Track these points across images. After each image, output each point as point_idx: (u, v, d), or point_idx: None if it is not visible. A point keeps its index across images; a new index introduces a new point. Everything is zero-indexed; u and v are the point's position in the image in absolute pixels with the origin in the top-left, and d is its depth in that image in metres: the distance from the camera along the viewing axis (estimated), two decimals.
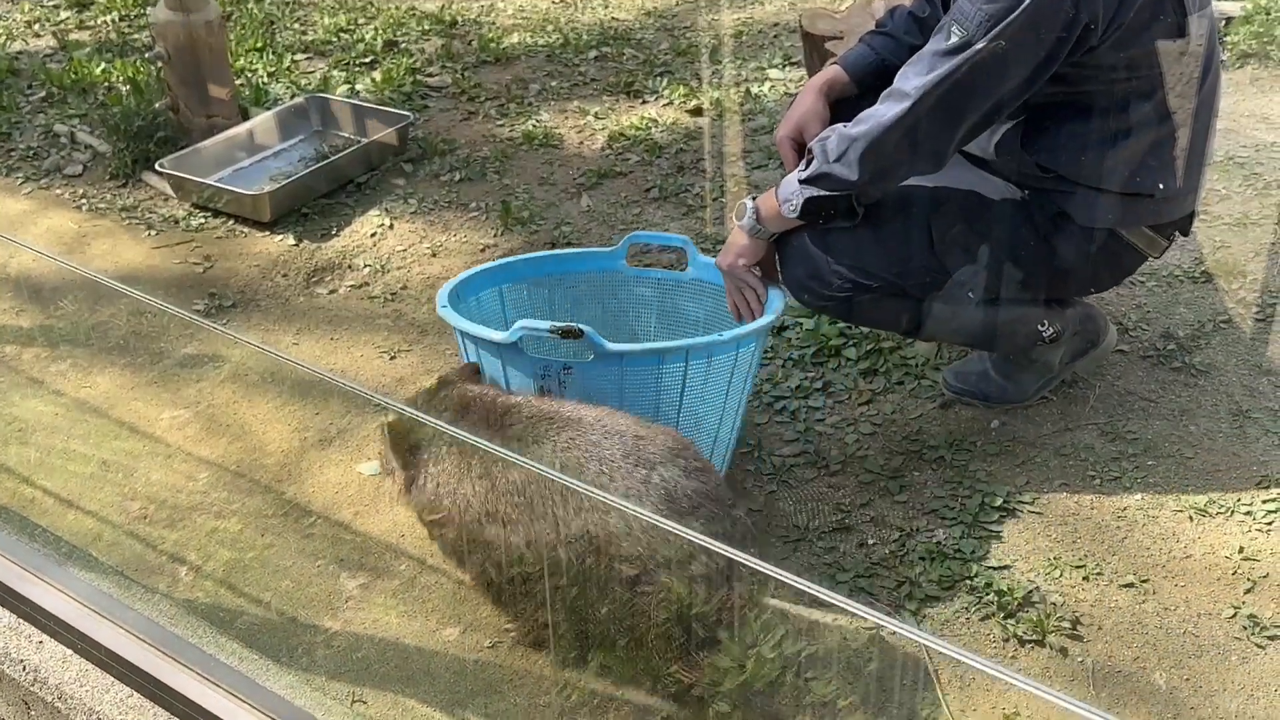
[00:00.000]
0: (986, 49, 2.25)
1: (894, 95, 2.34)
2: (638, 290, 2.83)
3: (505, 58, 4.88)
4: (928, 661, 2.27)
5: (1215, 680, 2.20)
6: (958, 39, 2.27)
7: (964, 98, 2.30)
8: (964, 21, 2.27)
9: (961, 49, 2.27)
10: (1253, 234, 3.39)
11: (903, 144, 2.34)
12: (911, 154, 2.36)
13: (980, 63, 2.26)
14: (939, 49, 2.30)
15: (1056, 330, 2.68)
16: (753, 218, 2.52)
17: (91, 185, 4.11)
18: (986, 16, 2.24)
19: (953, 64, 2.28)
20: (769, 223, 2.51)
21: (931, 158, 2.40)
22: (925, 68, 2.31)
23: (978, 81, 2.29)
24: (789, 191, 2.45)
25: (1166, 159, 2.43)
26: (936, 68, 2.29)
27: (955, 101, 2.30)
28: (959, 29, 2.27)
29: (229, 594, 2.50)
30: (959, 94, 2.30)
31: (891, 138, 2.32)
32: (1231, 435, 2.72)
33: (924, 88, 2.29)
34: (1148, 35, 2.30)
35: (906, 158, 2.37)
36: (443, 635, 2.38)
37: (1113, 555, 2.46)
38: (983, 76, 2.28)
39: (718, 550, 1.60)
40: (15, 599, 2.21)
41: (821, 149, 2.40)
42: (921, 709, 2.19)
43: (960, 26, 2.27)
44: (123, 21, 5.42)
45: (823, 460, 2.74)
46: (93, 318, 3.42)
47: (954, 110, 2.32)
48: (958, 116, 2.33)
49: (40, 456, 2.90)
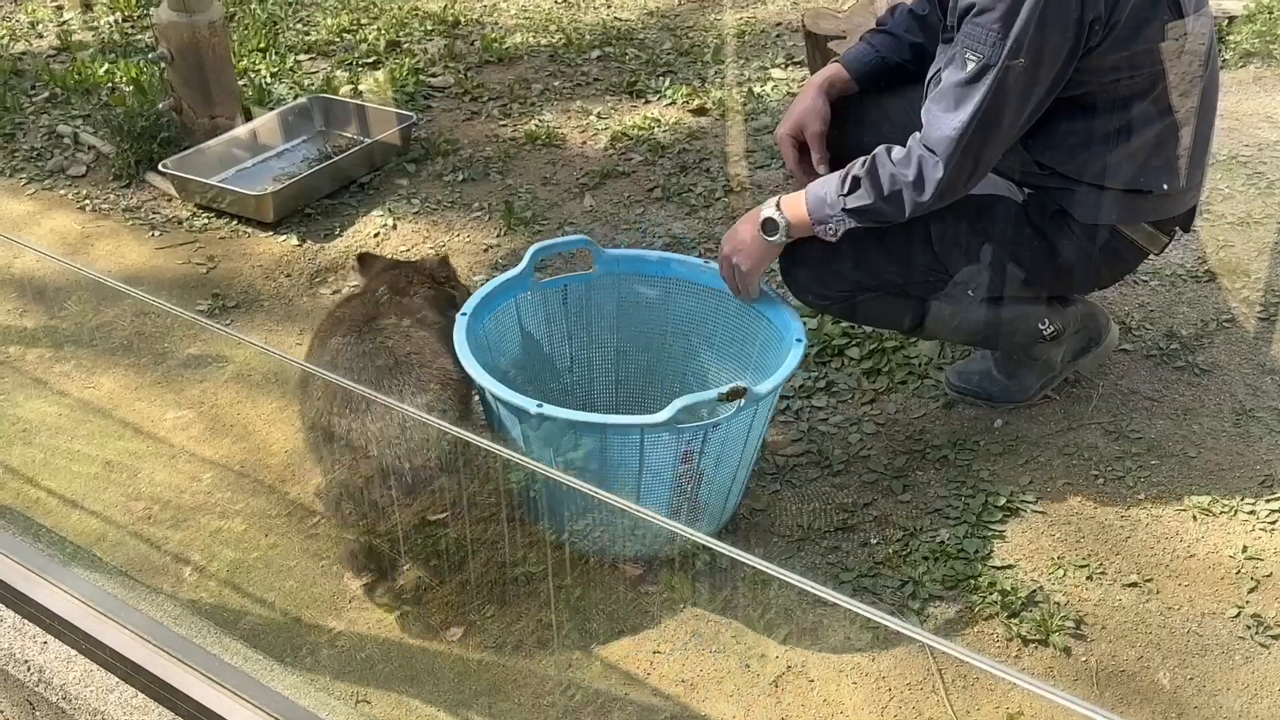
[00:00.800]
0: (1006, 66, 2.23)
1: (929, 140, 2.32)
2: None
3: (508, 58, 4.88)
4: (931, 661, 2.27)
5: (1219, 680, 2.20)
6: (974, 65, 2.25)
7: (997, 119, 2.29)
8: (976, 45, 2.25)
9: (982, 74, 2.25)
10: (1256, 233, 3.39)
11: (949, 181, 2.32)
12: (951, 189, 2.35)
13: (1005, 81, 2.25)
14: (959, 80, 2.28)
15: (1057, 328, 2.68)
16: (784, 232, 2.46)
17: (95, 186, 4.12)
18: (998, 34, 2.22)
19: (980, 92, 2.26)
20: (796, 233, 2.47)
21: (975, 180, 2.40)
22: (952, 102, 2.29)
23: (1008, 100, 2.27)
24: (827, 214, 2.40)
25: (1167, 156, 2.43)
26: (964, 100, 2.28)
27: (990, 125, 2.29)
28: (973, 55, 2.25)
29: (233, 594, 2.50)
30: (992, 117, 2.28)
31: (937, 185, 2.31)
32: (1235, 435, 2.72)
33: (960, 127, 2.27)
34: (1144, 34, 2.30)
35: (949, 193, 2.36)
36: (446, 636, 2.38)
37: (1116, 555, 2.46)
38: (1011, 93, 2.27)
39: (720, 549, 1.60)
40: (20, 600, 2.21)
41: (872, 180, 2.35)
42: (925, 709, 2.19)
43: (974, 52, 2.25)
44: (126, 22, 5.43)
45: (826, 460, 2.74)
46: (96, 318, 3.42)
47: (991, 133, 2.30)
48: (996, 137, 2.32)
49: (44, 457, 2.90)
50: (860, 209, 2.38)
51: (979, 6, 2.25)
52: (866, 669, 2.27)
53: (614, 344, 2.82)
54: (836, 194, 2.39)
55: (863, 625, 2.33)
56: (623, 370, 2.84)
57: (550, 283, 2.76)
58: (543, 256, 2.72)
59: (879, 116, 2.79)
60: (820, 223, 2.42)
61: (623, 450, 2.32)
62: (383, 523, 2.32)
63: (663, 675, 2.28)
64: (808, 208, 2.43)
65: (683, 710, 2.21)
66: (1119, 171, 2.43)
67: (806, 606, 2.37)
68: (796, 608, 2.38)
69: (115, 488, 2.79)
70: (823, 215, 2.41)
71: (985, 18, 2.24)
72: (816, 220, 2.42)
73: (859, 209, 2.38)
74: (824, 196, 2.42)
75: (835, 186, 2.40)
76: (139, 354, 3.27)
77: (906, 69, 2.75)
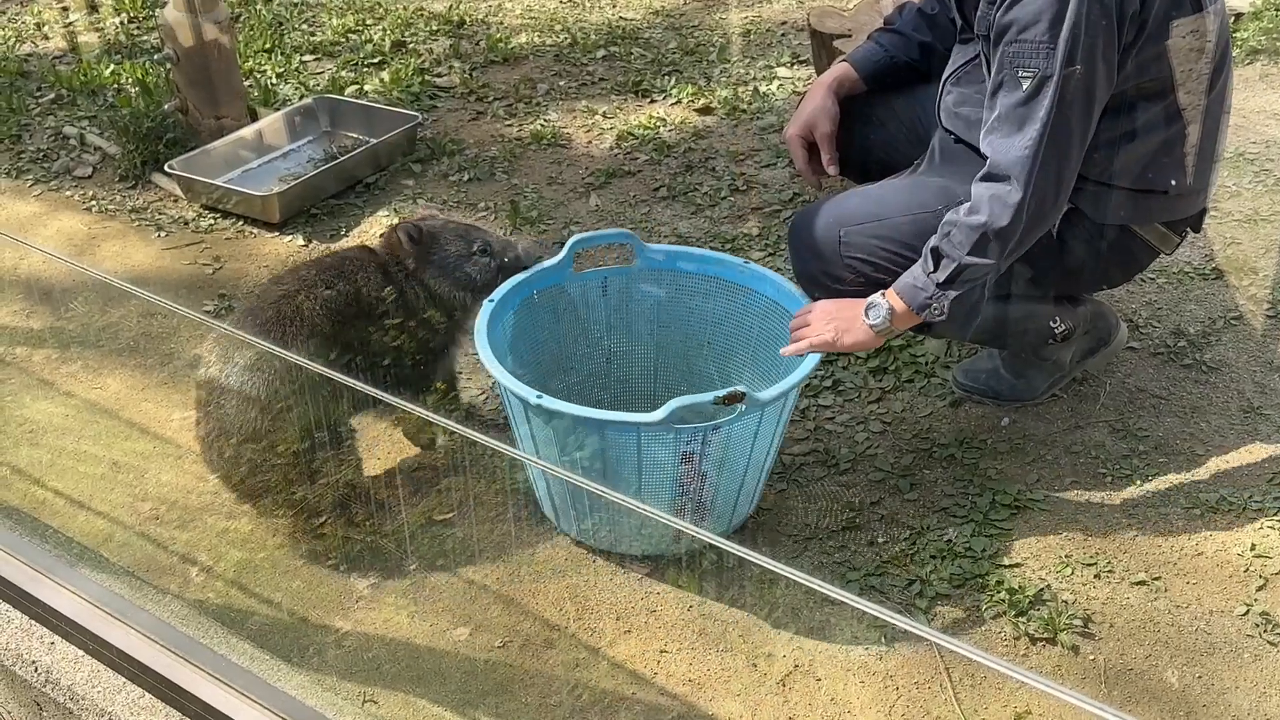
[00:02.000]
0: (1064, 75, 2.21)
1: (997, 168, 2.28)
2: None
3: (513, 58, 4.88)
4: (939, 660, 2.26)
5: (1227, 678, 2.20)
6: (1031, 82, 2.23)
7: (1067, 129, 2.26)
8: (1028, 62, 2.22)
9: (1041, 88, 2.22)
10: (1263, 230, 3.38)
11: (1030, 207, 2.28)
12: (1039, 209, 2.30)
13: (1065, 91, 2.22)
14: (1017, 100, 2.25)
15: (1068, 328, 2.68)
16: (886, 319, 2.39)
17: (101, 187, 4.12)
18: (1048, 46, 2.20)
19: (1044, 107, 2.23)
20: (900, 324, 2.41)
21: (1062, 198, 2.35)
22: (1015, 124, 2.26)
23: (1073, 108, 2.24)
24: (923, 299, 2.33)
25: (1179, 156, 2.42)
26: (1028, 119, 2.24)
27: (1062, 137, 2.26)
28: (1025, 71, 2.23)
29: (240, 594, 2.50)
30: (1062, 128, 2.25)
31: (1021, 211, 2.27)
32: (1243, 432, 2.71)
33: (1031, 144, 2.23)
34: (1169, 30, 2.29)
35: (1036, 214, 2.31)
36: (453, 635, 2.38)
37: (1124, 553, 2.46)
38: (1075, 101, 2.24)
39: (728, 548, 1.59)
40: (27, 600, 2.21)
41: (949, 245, 2.30)
42: (933, 708, 2.18)
43: (1026, 69, 2.22)
44: (131, 23, 5.43)
45: (833, 459, 2.74)
46: (103, 319, 3.42)
47: (1065, 145, 2.27)
48: (1071, 149, 2.28)
49: (51, 458, 2.91)
50: (951, 277, 2.31)
51: (1021, 23, 2.22)
52: (874, 668, 2.26)
53: (653, 339, 2.81)
54: (924, 274, 2.34)
55: (870, 624, 2.33)
56: (661, 366, 2.84)
57: (589, 274, 2.74)
58: (581, 248, 2.71)
59: (887, 115, 2.79)
60: (922, 308, 2.35)
61: (621, 448, 2.32)
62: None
63: (670, 674, 2.27)
64: (903, 299, 2.36)
65: (690, 709, 2.21)
66: (1131, 171, 2.42)
67: (814, 605, 2.37)
68: (804, 607, 2.38)
69: (122, 488, 2.80)
70: (920, 301, 2.35)
71: (1031, 33, 2.21)
72: (917, 307, 2.35)
73: (950, 278, 2.31)
74: (913, 283, 2.36)
75: (920, 268, 2.35)
76: (145, 354, 3.27)
77: (915, 68, 2.75)
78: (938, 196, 2.46)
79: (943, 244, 2.31)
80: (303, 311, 2.53)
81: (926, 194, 2.51)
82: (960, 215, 2.30)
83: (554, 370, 2.76)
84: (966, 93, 2.51)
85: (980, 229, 2.27)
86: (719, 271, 2.71)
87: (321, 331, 2.53)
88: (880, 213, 2.49)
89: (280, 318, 2.52)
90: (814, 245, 2.52)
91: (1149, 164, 2.41)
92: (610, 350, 2.82)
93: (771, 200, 3.73)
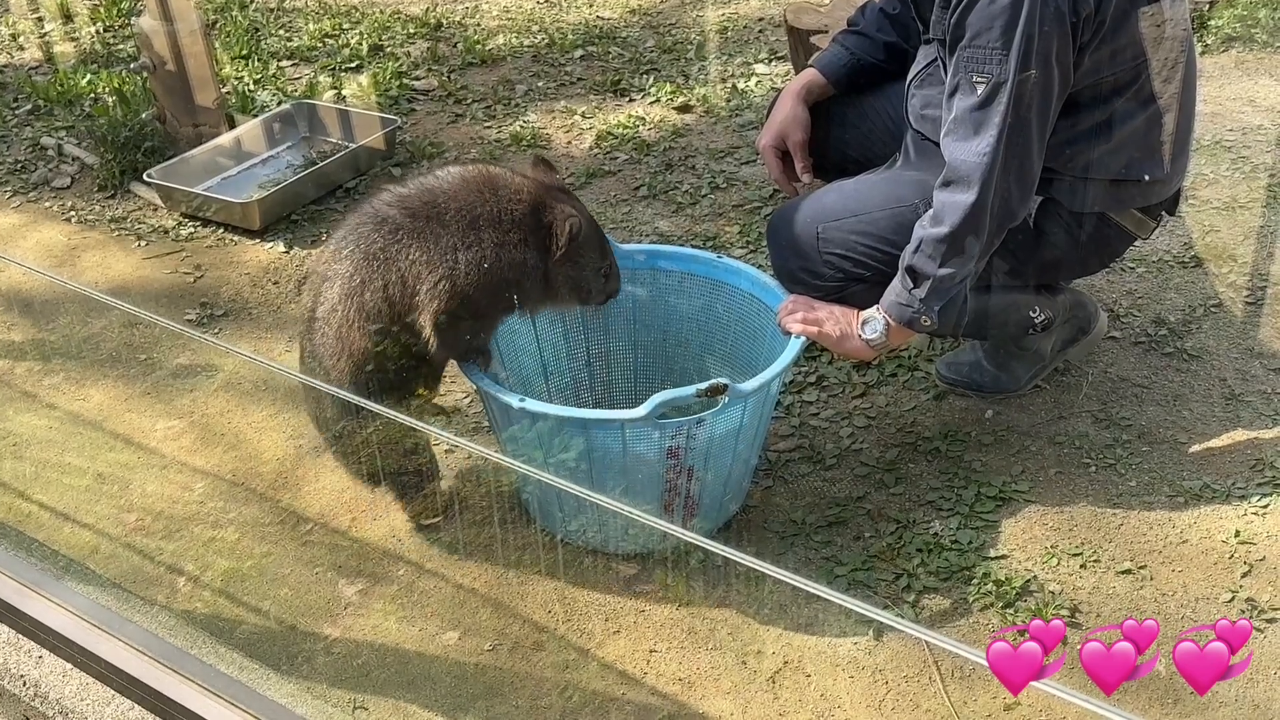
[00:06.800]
0: (1019, 80, 2.22)
1: (956, 173, 2.29)
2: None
3: (491, 59, 4.88)
4: (928, 653, 2.27)
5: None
6: (985, 87, 2.24)
7: (1025, 133, 2.27)
8: (982, 67, 2.24)
9: (995, 93, 2.24)
10: (1241, 217, 3.40)
11: (994, 208, 2.30)
12: (1005, 207, 2.33)
13: (1021, 95, 2.24)
14: (972, 105, 2.26)
15: (1048, 317, 2.69)
16: (882, 335, 2.42)
17: (80, 197, 4.10)
18: (1001, 52, 2.21)
19: (998, 114, 2.24)
20: (896, 339, 2.45)
21: (1025, 197, 2.37)
22: (970, 129, 2.27)
23: (1030, 111, 2.26)
24: (912, 313, 2.36)
25: (1151, 145, 2.43)
26: (984, 124, 2.26)
27: (1020, 140, 2.27)
28: (979, 77, 2.24)
29: (228, 604, 2.50)
30: (1019, 132, 2.26)
31: (982, 214, 2.29)
32: (1225, 419, 2.73)
33: (987, 154, 2.25)
34: (1128, 25, 2.31)
35: (1002, 213, 2.33)
36: (442, 640, 2.38)
37: (1109, 542, 2.47)
38: (1031, 104, 2.25)
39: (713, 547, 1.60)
40: (14, 614, 2.21)
41: (922, 260, 2.32)
42: (922, 701, 2.19)
43: (980, 75, 2.24)
44: (107, 32, 5.41)
45: (818, 454, 2.74)
46: (84, 330, 3.41)
47: (1024, 147, 2.29)
48: (1028, 149, 2.30)
49: (35, 471, 2.90)
50: (932, 289, 2.34)
51: (974, 28, 2.23)
52: (863, 662, 2.27)
53: (632, 340, 2.81)
54: (905, 291, 2.36)
55: (858, 619, 2.34)
56: (642, 366, 2.84)
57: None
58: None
59: (858, 117, 2.80)
60: (910, 322, 2.38)
61: (606, 447, 2.32)
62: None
63: (660, 674, 2.28)
64: (893, 317, 2.39)
65: (681, 708, 2.21)
66: (1106, 163, 2.43)
67: (802, 602, 2.38)
68: (792, 603, 2.38)
69: (107, 500, 2.79)
70: (908, 317, 2.38)
71: (984, 39, 2.22)
72: (905, 322, 2.38)
73: (931, 290, 2.34)
74: (897, 300, 2.38)
75: (899, 285, 2.37)
76: (128, 365, 3.26)
77: (881, 68, 2.75)
78: (914, 190, 2.47)
79: (915, 260, 2.34)
80: (444, 218, 2.37)
81: (903, 188, 2.51)
82: (927, 228, 2.32)
83: (535, 375, 2.76)
84: (930, 94, 2.52)
85: (947, 239, 2.29)
86: (694, 268, 2.71)
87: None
88: (858, 208, 2.50)
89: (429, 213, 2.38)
90: (793, 242, 2.53)
91: (1122, 155, 2.43)
92: (590, 353, 2.82)
93: (752, 197, 3.74)
